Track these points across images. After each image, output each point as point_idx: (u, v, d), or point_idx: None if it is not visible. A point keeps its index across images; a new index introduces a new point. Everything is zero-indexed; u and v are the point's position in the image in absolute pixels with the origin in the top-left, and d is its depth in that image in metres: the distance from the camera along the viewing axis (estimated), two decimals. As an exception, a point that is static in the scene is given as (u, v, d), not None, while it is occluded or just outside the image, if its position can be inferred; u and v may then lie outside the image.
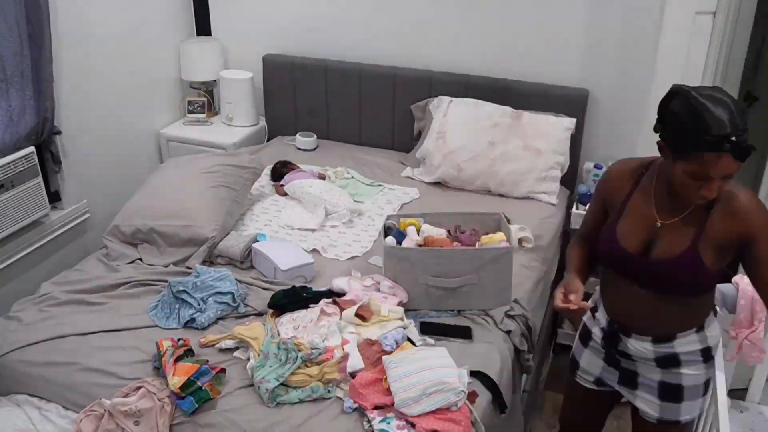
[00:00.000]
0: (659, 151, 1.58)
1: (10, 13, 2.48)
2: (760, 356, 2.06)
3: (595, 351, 1.90)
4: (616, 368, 1.86)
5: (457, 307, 2.21)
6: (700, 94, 1.47)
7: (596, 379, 1.93)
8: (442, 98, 3.24)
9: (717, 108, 1.43)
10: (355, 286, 2.23)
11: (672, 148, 1.51)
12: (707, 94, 1.47)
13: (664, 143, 1.55)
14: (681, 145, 1.48)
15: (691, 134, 1.45)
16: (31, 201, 2.67)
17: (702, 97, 1.46)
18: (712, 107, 1.43)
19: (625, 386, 1.86)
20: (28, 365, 2.00)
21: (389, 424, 1.72)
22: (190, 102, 3.69)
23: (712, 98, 1.46)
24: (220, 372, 1.88)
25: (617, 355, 1.83)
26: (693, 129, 1.44)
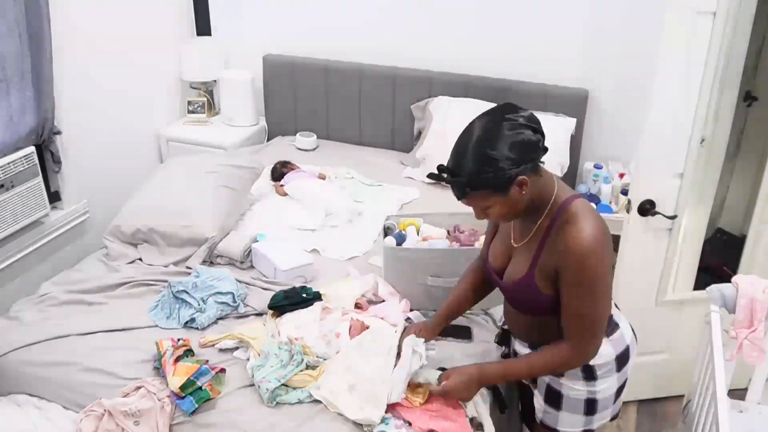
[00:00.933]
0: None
1: (10, 13, 2.48)
2: (760, 356, 2.06)
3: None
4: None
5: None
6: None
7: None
8: (442, 98, 3.24)
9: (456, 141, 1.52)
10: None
11: None
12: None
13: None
14: None
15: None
16: (31, 201, 2.67)
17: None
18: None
19: (531, 382, 1.84)
20: (28, 365, 2.00)
21: (387, 424, 1.72)
22: (190, 102, 3.69)
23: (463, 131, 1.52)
24: (220, 372, 1.88)
25: (514, 354, 1.87)
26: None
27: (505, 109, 1.50)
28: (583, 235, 1.47)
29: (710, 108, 2.30)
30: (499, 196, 1.49)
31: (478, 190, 1.48)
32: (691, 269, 2.63)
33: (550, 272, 1.55)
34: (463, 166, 1.47)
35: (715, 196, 2.72)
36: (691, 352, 2.33)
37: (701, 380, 2.09)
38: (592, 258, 1.47)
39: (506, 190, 1.48)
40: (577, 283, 1.51)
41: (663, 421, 2.77)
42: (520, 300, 1.68)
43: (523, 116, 1.47)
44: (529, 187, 1.49)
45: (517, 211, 1.55)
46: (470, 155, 1.46)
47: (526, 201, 1.53)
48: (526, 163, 1.46)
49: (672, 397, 2.84)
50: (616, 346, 1.69)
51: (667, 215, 2.32)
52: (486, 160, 1.44)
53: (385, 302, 2.19)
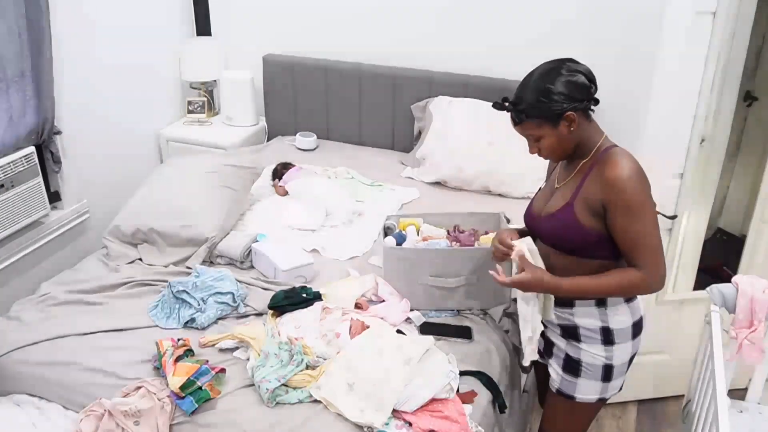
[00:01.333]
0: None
1: (10, 13, 2.48)
2: (760, 356, 2.06)
3: None
4: (542, 337, 1.93)
5: (457, 307, 2.21)
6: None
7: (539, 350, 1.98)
8: (442, 98, 3.24)
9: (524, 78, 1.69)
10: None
11: None
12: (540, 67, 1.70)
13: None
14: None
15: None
16: (31, 201, 2.67)
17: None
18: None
19: (546, 355, 1.93)
20: (28, 365, 2.01)
21: (387, 425, 1.72)
22: (190, 102, 3.69)
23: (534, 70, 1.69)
24: (220, 372, 1.88)
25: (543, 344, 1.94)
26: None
27: (568, 58, 1.70)
28: (623, 167, 1.61)
29: (710, 108, 2.31)
30: (550, 127, 1.65)
31: (532, 118, 1.65)
32: (691, 269, 2.63)
33: (593, 205, 1.65)
34: (523, 95, 1.66)
35: (715, 196, 2.72)
36: (691, 352, 2.33)
37: (701, 380, 2.09)
38: (633, 184, 1.59)
39: (557, 123, 1.64)
40: (627, 209, 1.60)
41: (663, 421, 2.77)
42: (558, 232, 1.74)
43: (583, 66, 1.68)
44: (578, 127, 1.65)
45: (565, 147, 1.69)
46: (530, 86, 1.66)
47: (574, 140, 1.68)
48: (577, 102, 1.63)
49: (672, 397, 2.84)
50: (633, 314, 1.79)
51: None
52: (543, 91, 1.63)
53: (385, 302, 2.19)
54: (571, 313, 1.80)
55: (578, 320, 1.79)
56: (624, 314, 1.77)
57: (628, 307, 1.77)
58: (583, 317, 1.78)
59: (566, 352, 1.84)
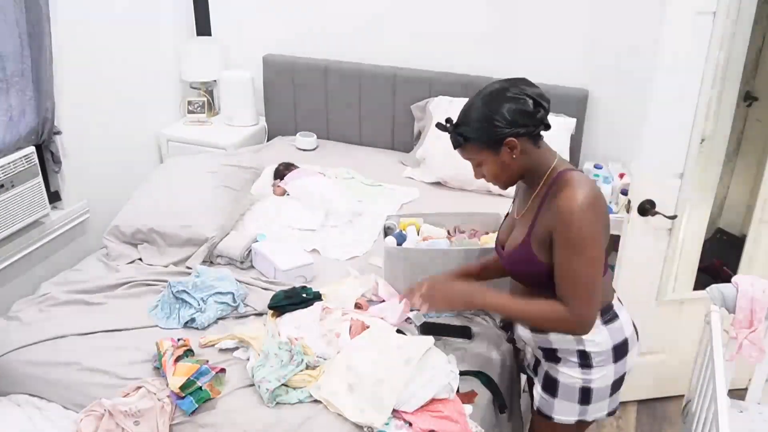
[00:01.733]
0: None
1: (10, 13, 2.48)
2: (760, 356, 2.06)
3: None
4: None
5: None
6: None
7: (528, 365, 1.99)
8: (442, 98, 3.24)
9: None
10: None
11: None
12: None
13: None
14: None
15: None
16: (31, 201, 2.67)
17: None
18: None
19: (533, 372, 1.90)
20: (28, 365, 2.00)
21: (387, 425, 1.72)
22: (190, 102, 3.69)
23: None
24: (220, 372, 1.88)
25: (516, 342, 1.95)
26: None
27: (519, 80, 1.62)
28: (574, 197, 1.53)
29: (710, 108, 2.31)
30: (491, 153, 1.61)
31: (471, 142, 1.62)
32: (691, 269, 2.63)
33: (545, 237, 1.60)
34: (464, 118, 1.62)
35: (715, 196, 2.72)
36: (691, 352, 2.33)
37: (701, 380, 2.09)
38: (581, 217, 1.52)
39: (497, 149, 1.59)
40: (567, 242, 1.54)
41: (663, 421, 2.77)
42: (518, 268, 1.73)
43: (533, 90, 1.59)
44: (523, 153, 1.60)
45: (508, 175, 1.65)
46: (472, 109, 1.61)
47: (519, 167, 1.63)
48: (519, 128, 1.56)
49: (672, 397, 2.84)
50: (614, 336, 1.70)
51: (667, 215, 2.32)
52: (483, 115, 1.58)
53: (385, 302, 2.19)
54: (547, 337, 1.74)
55: (556, 344, 1.73)
56: (602, 337, 1.69)
57: (606, 329, 1.69)
58: (561, 341, 1.72)
59: (546, 371, 1.79)
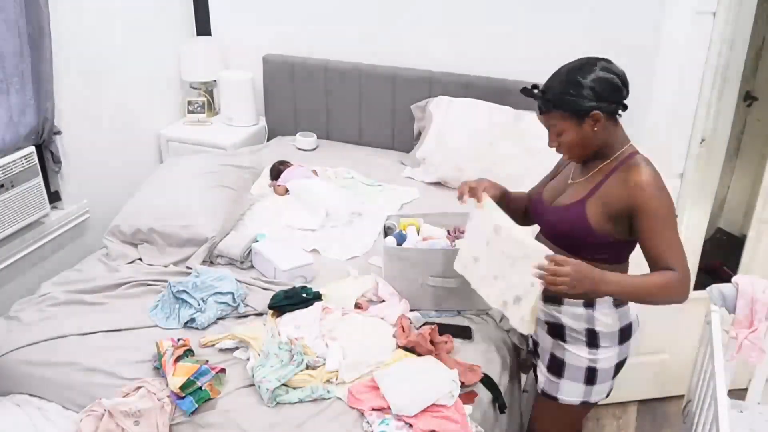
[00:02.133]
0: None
1: (10, 13, 2.48)
2: (760, 356, 2.06)
3: None
4: (531, 337, 1.97)
5: (457, 307, 2.21)
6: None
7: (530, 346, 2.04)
8: (442, 98, 3.24)
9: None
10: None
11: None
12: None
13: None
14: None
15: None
16: (31, 201, 2.67)
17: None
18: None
19: (534, 355, 1.96)
20: (28, 365, 2.01)
21: (388, 425, 1.72)
22: (190, 102, 3.69)
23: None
24: (220, 372, 1.88)
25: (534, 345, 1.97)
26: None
27: (605, 59, 1.69)
28: (653, 173, 1.61)
29: (710, 108, 2.31)
30: (574, 122, 1.63)
31: (558, 109, 1.64)
32: (691, 269, 2.63)
33: (611, 209, 1.62)
34: (553, 85, 1.66)
35: (715, 196, 2.72)
36: (691, 352, 2.33)
37: (701, 380, 2.09)
38: (664, 194, 1.61)
39: (581, 119, 1.62)
40: (657, 216, 1.59)
41: (663, 421, 2.77)
42: (561, 226, 1.72)
43: (618, 69, 1.66)
44: (603, 128, 1.63)
45: (585, 146, 1.67)
46: (561, 77, 1.65)
47: (596, 141, 1.66)
48: (605, 101, 1.61)
49: (672, 397, 2.84)
50: (622, 319, 1.77)
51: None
52: (573, 83, 1.61)
53: (385, 302, 2.19)
54: (558, 311, 1.79)
55: (564, 319, 1.78)
56: (610, 318, 1.75)
57: (616, 311, 1.75)
58: (570, 317, 1.77)
59: (551, 352, 1.83)
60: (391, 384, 1.82)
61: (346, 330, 2.04)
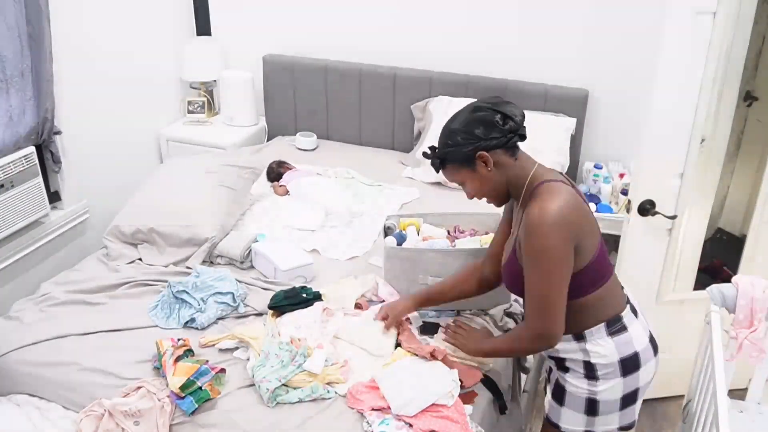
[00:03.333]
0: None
1: (10, 13, 2.48)
2: (760, 356, 2.06)
3: None
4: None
5: (457, 307, 2.21)
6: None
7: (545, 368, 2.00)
8: (442, 98, 3.24)
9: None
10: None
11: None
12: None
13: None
14: None
15: None
16: (31, 201, 2.68)
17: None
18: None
19: (548, 379, 1.89)
20: (28, 365, 2.00)
21: (388, 425, 1.72)
22: (190, 102, 3.69)
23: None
24: (220, 372, 1.88)
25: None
26: None
27: (491, 99, 1.64)
28: (541, 209, 1.49)
29: (710, 108, 2.31)
30: (468, 170, 1.62)
31: (447, 163, 1.65)
32: (691, 269, 2.63)
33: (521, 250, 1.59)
34: (439, 143, 1.66)
35: (715, 196, 2.72)
36: (691, 352, 2.32)
37: (701, 380, 2.09)
38: (542, 230, 1.48)
39: (472, 165, 1.61)
40: (527, 254, 1.54)
41: (663, 421, 2.77)
42: (509, 280, 1.72)
43: (505, 106, 1.59)
44: (499, 166, 1.60)
45: (490, 189, 1.65)
46: (443, 133, 1.66)
47: (501, 179, 1.62)
48: (487, 141, 1.57)
49: (672, 397, 2.84)
50: (621, 350, 1.66)
51: (667, 215, 2.32)
52: (449, 134, 1.62)
53: (385, 302, 2.19)
54: (555, 347, 1.71)
55: (563, 353, 1.71)
56: (607, 349, 1.65)
57: (612, 341, 1.65)
58: (567, 351, 1.70)
59: (556, 378, 1.78)
60: (391, 384, 1.82)
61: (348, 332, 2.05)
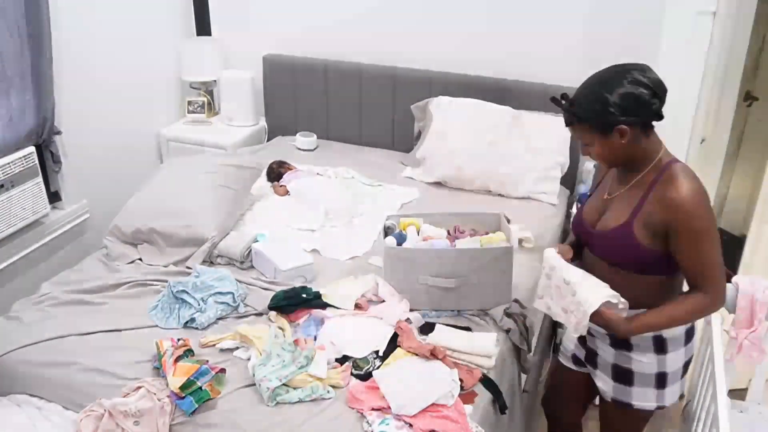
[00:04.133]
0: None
1: (10, 13, 2.48)
2: (760, 356, 2.06)
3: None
4: (583, 346, 1.95)
5: (457, 307, 2.21)
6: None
7: (572, 355, 2.02)
8: (442, 98, 3.24)
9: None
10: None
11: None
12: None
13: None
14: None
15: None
16: (31, 201, 2.68)
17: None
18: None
19: (590, 364, 1.92)
20: (28, 365, 2.00)
21: (388, 425, 1.72)
22: (190, 102, 3.69)
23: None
24: (220, 372, 1.88)
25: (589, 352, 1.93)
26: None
27: (638, 66, 1.61)
28: (690, 189, 1.57)
29: (710, 108, 2.31)
30: (601, 135, 1.62)
31: (583, 122, 1.62)
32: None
33: (654, 225, 1.61)
34: (579, 98, 1.63)
35: (715, 196, 2.72)
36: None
37: (701, 380, 2.09)
38: (700, 207, 1.57)
39: (607, 133, 1.60)
40: (692, 231, 1.58)
41: (663, 421, 2.77)
42: (614, 250, 1.71)
43: (650, 78, 1.58)
44: (631, 140, 1.60)
45: (615, 157, 1.66)
46: (588, 90, 1.62)
47: (627, 152, 1.64)
48: (632, 116, 1.57)
49: (672, 397, 2.84)
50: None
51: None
52: (599, 98, 1.58)
53: (385, 302, 2.19)
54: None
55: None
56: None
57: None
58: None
59: (615, 363, 1.81)
60: (391, 384, 1.82)
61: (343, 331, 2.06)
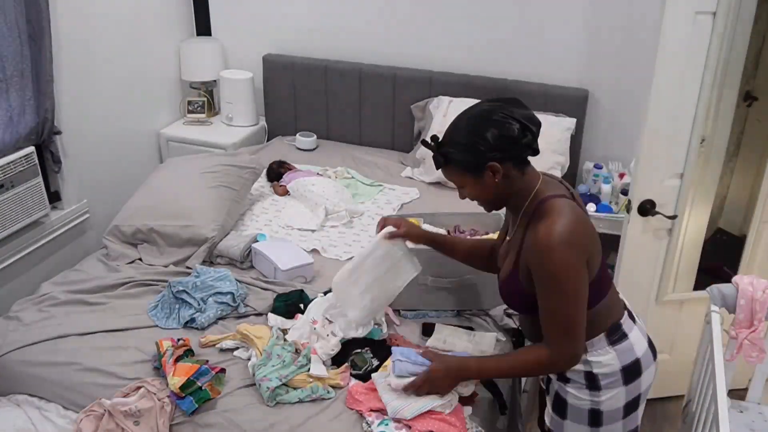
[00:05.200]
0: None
1: (10, 13, 2.48)
2: (760, 356, 2.06)
3: None
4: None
5: (457, 307, 2.21)
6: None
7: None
8: (442, 98, 3.24)
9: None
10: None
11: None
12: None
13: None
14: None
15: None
16: (31, 201, 2.67)
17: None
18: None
19: (546, 390, 1.82)
20: (28, 365, 2.01)
21: (387, 425, 1.72)
22: (190, 102, 3.69)
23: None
24: (220, 372, 1.88)
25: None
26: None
27: (510, 101, 1.53)
28: (550, 231, 1.45)
29: (710, 108, 2.31)
30: (473, 176, 1.53)
31: (453, 164, 1.54)
32: (691, 269, 2.63)
33: (527, 271, 1.53)
34: (448, 139, 1.54)
35: (715, 196, 2.72)
36: (691, 352, 2.33)
37: (701, 380, 2.09)
38: (555, 253, 1.45)
39: (479, 173, 1.52)
40: (544, 278, 1.49)
41: (663, 421, 2.77)
42: (509, 298, 1.68)
43: (522, 113, 1.50)
44: (506, 178, 1.52)
45: (491, 198, 1.58)
46: (456, 131, 1.53)
47: (502, 191, 1.55)
48: (503, 153, 1.49)
49: (672, 397, 2.84)
50: (622, 358, 1.62)
51: (667, 215, 2.32)
52: (466, 138, 1.50)
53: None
54: None
55: None
56: (609, 358, 1.61)
57: (613, 350, 1.61)
58: None
59: (556, 390, 1.71)
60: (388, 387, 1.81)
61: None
